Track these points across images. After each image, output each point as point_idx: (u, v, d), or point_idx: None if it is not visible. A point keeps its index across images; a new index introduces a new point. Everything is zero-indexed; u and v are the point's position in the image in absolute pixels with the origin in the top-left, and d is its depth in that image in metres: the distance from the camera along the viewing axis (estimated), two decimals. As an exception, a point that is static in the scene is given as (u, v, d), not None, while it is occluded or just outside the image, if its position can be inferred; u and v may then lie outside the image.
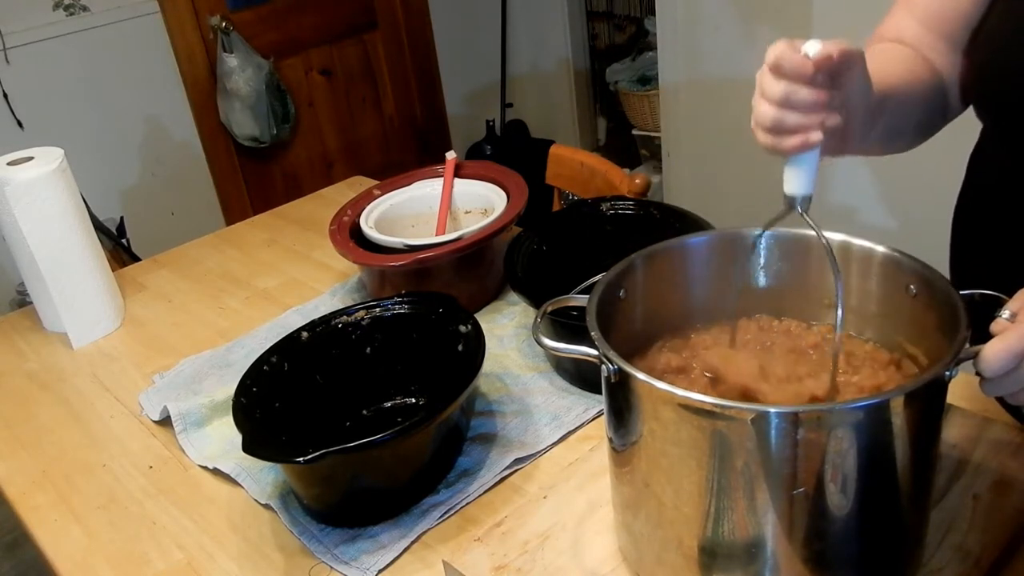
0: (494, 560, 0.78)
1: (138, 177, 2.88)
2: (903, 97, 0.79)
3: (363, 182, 1.76)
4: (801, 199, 0.68)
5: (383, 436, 0.85)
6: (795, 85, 0.64)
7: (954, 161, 0.96)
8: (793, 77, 0.63)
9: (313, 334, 1.06)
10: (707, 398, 0.60)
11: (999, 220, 0.85)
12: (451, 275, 1.23)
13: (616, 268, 0.77)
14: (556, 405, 1.06)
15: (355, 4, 3.27)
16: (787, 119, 0.65)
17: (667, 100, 2.76)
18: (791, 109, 0.64)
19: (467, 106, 3.75)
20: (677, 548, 0.69)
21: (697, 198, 2.78)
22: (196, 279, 1.51)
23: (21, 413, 1.21)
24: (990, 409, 0.90)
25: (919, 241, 0.96)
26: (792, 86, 0.64)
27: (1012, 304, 0.63)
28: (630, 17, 3.57)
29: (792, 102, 0.64)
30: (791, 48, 0.64)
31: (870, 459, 0.62)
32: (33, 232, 1.27)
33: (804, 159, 0.66)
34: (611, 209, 1.25)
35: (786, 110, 0.64)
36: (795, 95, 0.64)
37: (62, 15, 2.62)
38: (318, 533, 0.91)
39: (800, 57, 0.63)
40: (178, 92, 2.89)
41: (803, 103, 0.64)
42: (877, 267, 0.75)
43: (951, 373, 0.61)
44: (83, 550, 0.96)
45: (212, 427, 1.10)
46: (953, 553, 0.73)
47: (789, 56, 0.63)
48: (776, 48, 0.64)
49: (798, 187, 0.67)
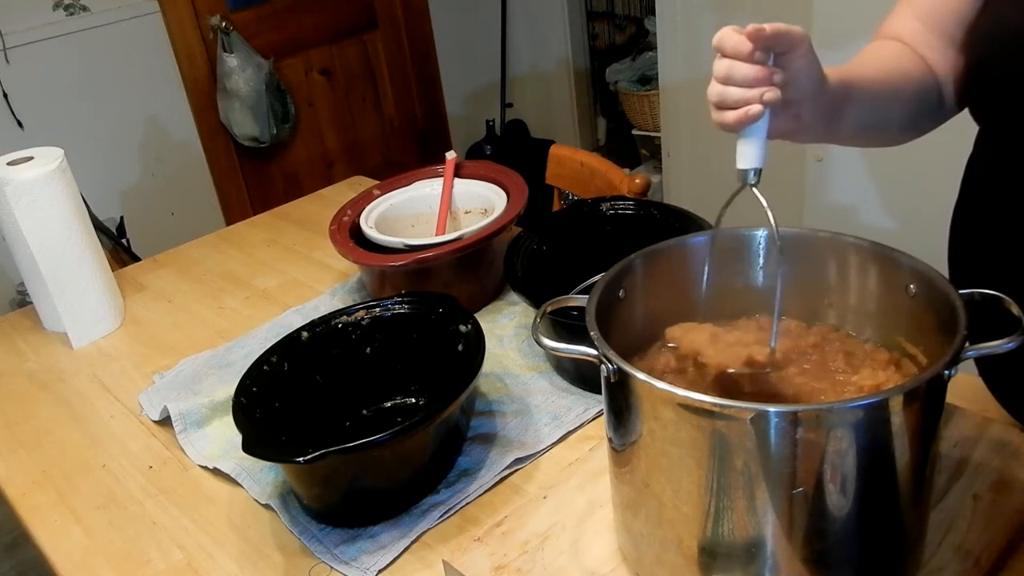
0: (494, 560, 0.78)
1: (138, 177, 2.88)
2: (881, 90, 0.81)
3: (363, 182, 1.76)
4: (751, 172, 0.71)
5: (383, 436, 0.85)
6: (736, 62, 0.68)
7: (954, 161, 0.96)
8: (733, 55, 0.68)
9: (313, 334, 1.06)
10: (707, 398, 0.60)
11: (997, 220, 0.85)
12: (451, 275, 1.23)
13: (616, 268, 0.77)
14: (556, 405, 1.06)
15: (355, 4, 3.27)
16: (729, 93, 0.69)
17: (667, 100, 2.76)
18: (733, 84, 0.68)
19: (467, 106, 3.75)
20: (677, 548, 0.69)
21: (697, 198, 2.78)
22: (196, 279, 1.51)
23: (21, 413, 1.21)
24: (990, 409, 0.90)
25: (919, 241, 0.96)
26: (733, 63, 0.68)
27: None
28: (630, 17, 3.57)
29: (733, 78, 0.68)
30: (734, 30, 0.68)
31: (870, 459, 0.62)
32: (33, 232, 1.27)
33: (752, 133, 0.70)
34: (611, 209, 1.25)
35: (728, 86, 0.69)
36: (735, 70, 0.68)
37: (62, 15, 2.62)
38: (318, 533, 0.91)
39: (739, 36, 0.68)
40: (178, 92, 2.89)
41: (743, 78, 0.68)
42: (877, 267, 0.75)
43: (951, 373, 0.61)
44: (83, 550, 0.96)
45: (212, 427, 1.10)
46: (953, 553, 0.73)
47: (730, 35, 0.68)
48: (722, 31, 0.69)
49: (747, 161, 0.71)
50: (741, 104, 0.68)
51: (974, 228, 0.90)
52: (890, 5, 0.93)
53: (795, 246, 0.78)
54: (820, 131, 0.78)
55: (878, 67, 0.83)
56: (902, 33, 0.89)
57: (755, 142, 0.70)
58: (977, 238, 0.89)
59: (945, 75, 0.87)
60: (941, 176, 1.07)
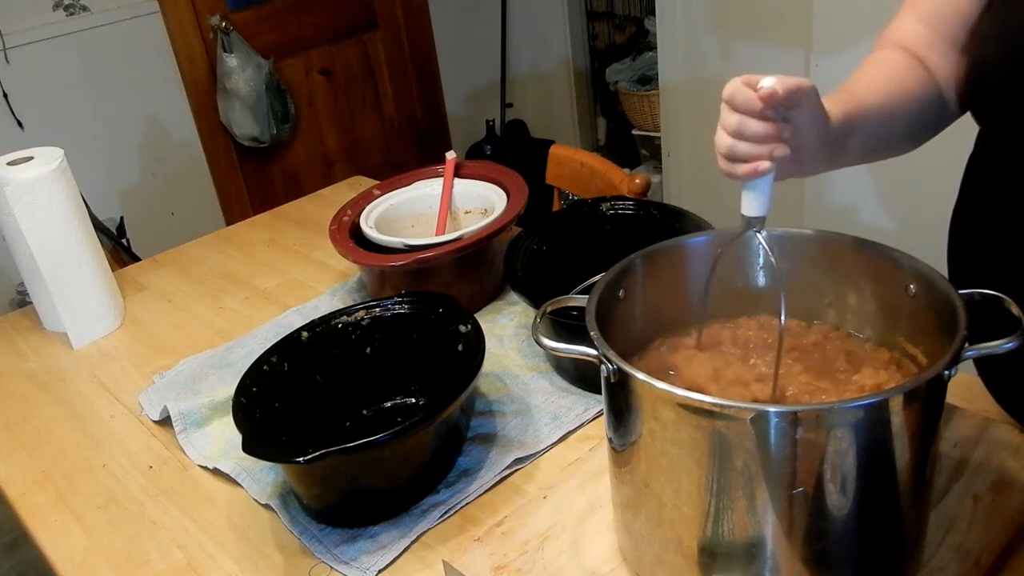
0: (494, 560, 0.78)
1: (138, 177, 2.88)
2: (882, 116, 0.83)
3: (363, 182, 1.76)
4: (756, 220, 0.73)
5: (383, 436, 0.85)
6: (746, 118, 0.69)
7: (954, 162, 0.96)
8: (744, 111, 0.69)
9: (313, 334, 1.06)
10: (707, 398, 0.60)
11: (997, 220, 0.85)
12: (451, 275, 1.23)
13: (616, 268, 0.77)
14: (556, 405, 1.06)
15: (355, 4, 3.27)
16: (739, 148, 0.70)
17: (667, 100, 2.76)
18: (743, 139, 0.70)
19: (467, 106, 3.75)
20: (677, 548, 0.69)
21: (697, 198, 2.78)
22: (196, 279, 1.51)
23: (21, 413, 1.21)
24: (990, 409, 0.90)
25: (919, 241, 0.96)
26: (744, 119, 0.69)
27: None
28: (630, 17, 3.57)
29: (744, 133, 0.69)
30: (745, 84, 0.69)
31: (870, 459, 0.62)
32: (33, 232, 1.27)
33: (758, 184, 0.71)
34: (611, 209, 1.25)
35: (739, 140, 0.70)
36: (746, 127, 0.69)
37: (62, 15, 2.62)
38: (318, 533, 0.91)
39: (751, 92, 0.68)
40: (178, 92, 2.89)
41: (754, 134, 0.69)
42: (877, 267, 0.75)
43: (951, 373, 0.61)
44: (83, 550, 0.96)
45: (212, 427, 1.10)
46: (953, 553, 0.73)
47: (741, 91, 0.69)
48: (732, 84, 0.70)
49: (753, 209, 0.72)
50: (751, 159, 0.70)
51: (974, 228, 0.90)
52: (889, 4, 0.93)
53: (795, 246, 0.78)
54: (821, 167, 0.79)
55: (879, 91, 0.84)
56: (905, 38, 0.88)
57: (761, 192, 0.71)
58: (977, 238, 0.89)
59: (947, 79, 0.87)
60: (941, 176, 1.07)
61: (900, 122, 0.85)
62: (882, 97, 0.83)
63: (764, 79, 0.69)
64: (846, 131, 0.78)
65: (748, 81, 0.69)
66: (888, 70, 0.87)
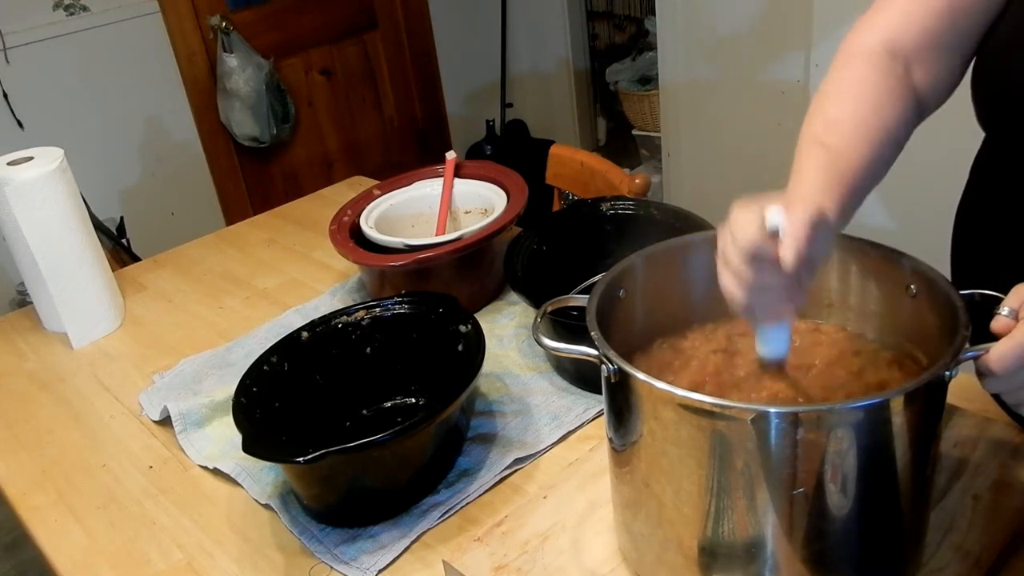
0: (494, 560, 0.78)
1: (138, 177, 2.88)
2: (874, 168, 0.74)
3: (363, 182, 1.76)
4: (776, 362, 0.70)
5: (383, 436, 0.85)
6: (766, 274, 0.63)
7: (955, 162, 0.96)
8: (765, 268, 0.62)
9: (313, 334, 1.06)
10: (707, 398, 0.60)
11: (1002, 221, 0.85)
12: (451, 275, 1.23)
13: (616, 268, 0.77)
14: (556, 405, 1.06)
15: (355, 4, 3.27)
16: (759, 303, 0.64)
17: (667, 100, 2.76)
18: (759, 293, 0.64)
19: (467, 106, 3.75)
20: (677, 548, 0.69)
21: (697, 198, 2.78)
22: (196, 279, 1.51)
23: (21, 413, 1.21)
24: (990, 409, 0.90)
25: (919, 241, 0.96)
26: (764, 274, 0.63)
27: (1011, 300, 0.63)
28: (630, 17, 3.57)
29: (761, 287, 0.63)
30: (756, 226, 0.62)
31: (870, 459, 0.62)
32: (33, 232, 1.27)
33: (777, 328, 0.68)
34: (611, 209, 1.25)
35: (757, 293, 0.64)
36: (767, 283, 0.63)
37: (62, 15, 2.62)
38: (318, 533, 0.91)
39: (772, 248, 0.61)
40: (178, 92, 2.89)
41: (772, 289, 0.63)
42: (877, 267, 0.75)
43: (951, 373, 0.61)
44: (83, 550, 0.96)
45: (212, 427, 1.10)
46: (953, 553, 0.73)
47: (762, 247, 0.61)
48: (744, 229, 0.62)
49: (772, 352, 0.69)
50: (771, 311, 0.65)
51: (978, 228, 0.90)
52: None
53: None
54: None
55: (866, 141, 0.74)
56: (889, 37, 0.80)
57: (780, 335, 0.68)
58: (981, 238, 0.89)
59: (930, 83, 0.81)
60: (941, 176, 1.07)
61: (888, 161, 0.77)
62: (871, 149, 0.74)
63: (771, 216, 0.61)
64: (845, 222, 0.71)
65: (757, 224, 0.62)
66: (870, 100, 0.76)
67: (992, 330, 0.62)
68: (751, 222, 0.62)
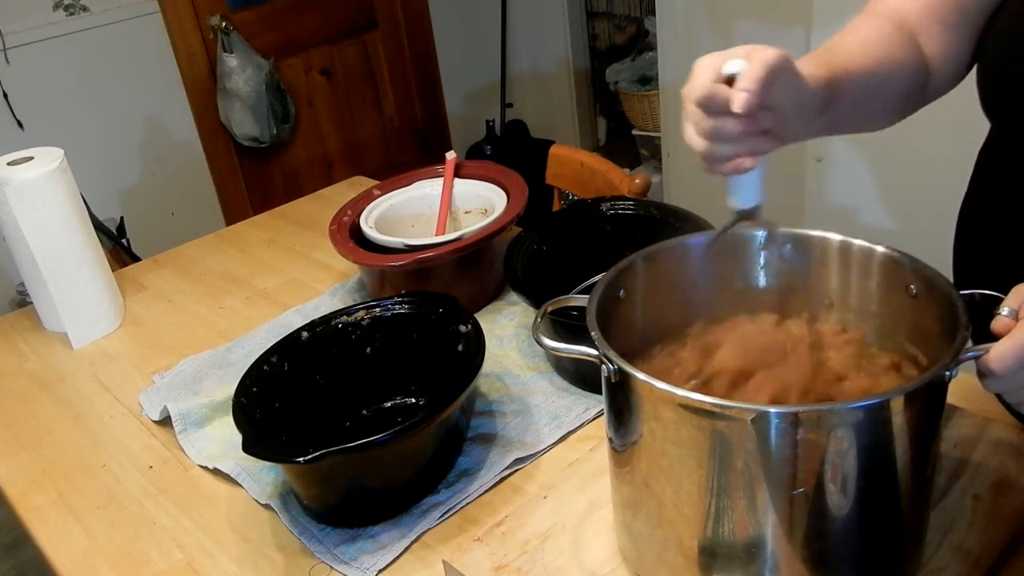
0: (494, 560, 0.78)
1: (138, 177, 2.88)
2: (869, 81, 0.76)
3: (363, 182, 1.76)
4: (748, 211, 0.69)
5: (383, 436, 0.85)
6: (722, 118, 0.63)
7: (955, 161, 0.96)
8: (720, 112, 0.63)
9: (313, 334, 1.06)
10: (707, 398, 0.60)
11: (1006, 219, 0.85)
12: (451, 275, 1.23)
13: (616, 268, 0.77)
14: (556, 405, 1.06)
15: (355, 4, 3.27)
16: (718, 150, 0.65)
17: (667, 100, 2.76)
18: (721, 141, 0.64)
19: (467, 106, 3.75)
20: (677, 548, 0.69)
21: (697, 198, 2.77)
22: (196, 279, 1.51)
23: (21, 413, 1.21)
24: (990, 409, 0.90)
25: (919, 241, 0.96)
26: (719, 120, 0.63)
27: (1011, 300, 0.63)
28: (630, 17, 3.57)
29: (721, 135, 0.64)
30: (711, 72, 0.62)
31: (870, 459, 0.62)
32: (33, 232, 1.27)
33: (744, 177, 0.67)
34: (611, 209, 1.25)
35: (716, 142, 0.64)
36: (723, 129, 0.63)
37: (62, 15, 2.62)
38: (318, 533, 0.91)
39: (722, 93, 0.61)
40: (178, 92, 2.89)
41: (733, 135, 0.63)
42: (877, 267, 0.75)
43: (951, 373, 0.61)
44: (83, 550, 0.96)
45: (212, 427, 1.10)
46: (953, 553, 0.73)
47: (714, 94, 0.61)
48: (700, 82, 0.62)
49: (742, 201, 0.69)
50: (732, 158, 0.65)
51: (981, 226, 0.89)
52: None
53: (795, 246, 0.78)
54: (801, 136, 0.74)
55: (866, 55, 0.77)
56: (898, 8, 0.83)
57: (750, 183, 0.68)
58: (984, 236, 0.89)
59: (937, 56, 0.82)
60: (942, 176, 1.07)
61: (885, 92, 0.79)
62: (868, 61, 0.76)
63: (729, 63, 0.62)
64: (828, 97, 0.72)
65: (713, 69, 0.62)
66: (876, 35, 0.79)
67: (992, 330, 0.62)
68: (708, 67, 0.63)
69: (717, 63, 0.63)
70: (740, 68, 0.62)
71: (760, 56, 0.62)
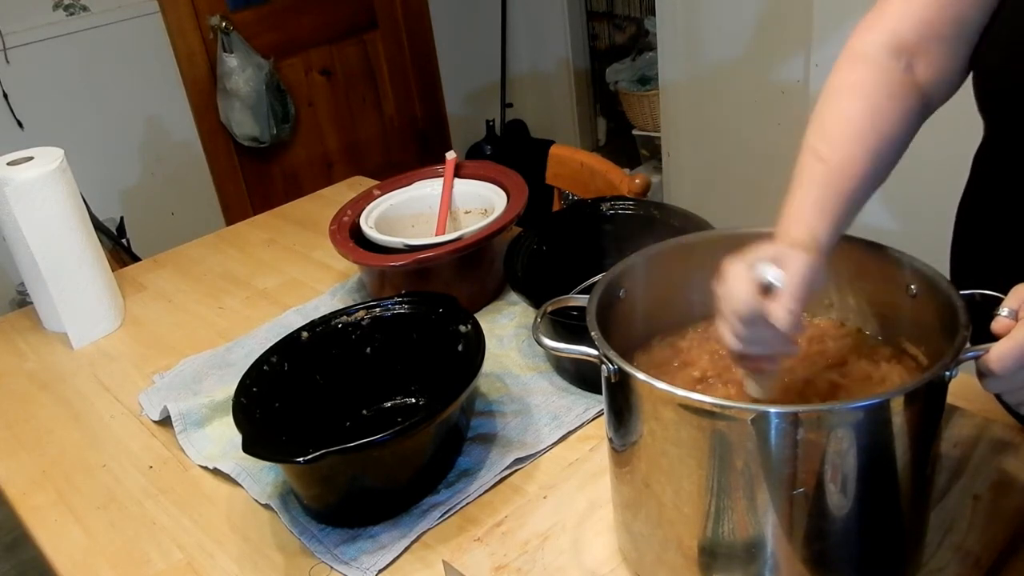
0: (494, 560, 0.78)
1: (138, 177, 2.88)
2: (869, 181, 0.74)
3: (363, 182, 1.76)
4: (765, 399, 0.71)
5: (383, 436, 0.85)
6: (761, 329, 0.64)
7: (955, 161, 0.95)
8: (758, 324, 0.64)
9: (313, 334, 1.06)
10: (707, 398, 0.60)
11: (1003, 219, 0.85)
12: (451, 275, 1.23)
13: (616, 268, 0.77)
14: (556, 405, 1.06)
15: (355, 4, 3.27)
16: (752, 352, 0.66)
17: (667, 100, 2.76)
18: (755, 345, 0.66)
19: (467, 106, 3.75)
20: (677, 548, 0.69)
21: (697, 198, 2.78)
22: (196, 279, 1.51)
23: (21, 413, 1.21)
24: (990, 409, 0.90)
25: (919, 241, 0.96)
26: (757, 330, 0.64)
27: (1010, 301, 0.63)
28: (630, 17, 3.57)
29: (757, 340, 0.65)
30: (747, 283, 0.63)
31: (870, 459, 0.62)
32: (33, 232, 1.27)
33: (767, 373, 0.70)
34: (611, 209, 1.25)
35: (751, 346, 0.66)
36: (761, 337, 0.65)
37: (62, 15, 2.62)
38: (318, 533, 0.91)
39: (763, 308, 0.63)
40: (178, 92, 2.89)
41: (767, 341, 0.65)
42: (877, 267, 0.75)
43: (951, 373, 0.61)
44: (83, 550, 0.96)
45: (212, 427, 1.10)
46: (953, 553, 0.73)
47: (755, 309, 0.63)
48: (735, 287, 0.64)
49: (762, 394, 0.71)
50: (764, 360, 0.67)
51: (979, 226, 0.89)
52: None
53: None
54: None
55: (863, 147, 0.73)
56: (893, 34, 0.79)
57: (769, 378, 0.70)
58: (982, 236, 0.89)
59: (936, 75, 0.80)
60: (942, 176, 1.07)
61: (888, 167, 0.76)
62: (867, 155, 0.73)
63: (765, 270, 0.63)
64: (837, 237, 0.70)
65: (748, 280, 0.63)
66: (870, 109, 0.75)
67: (992, 330, 0.62)
68: (743, 281, 0.64)
69: (750, 276, 0.64)
70: (777, 279, 0.64)
71: (797, 270, 0.64)
